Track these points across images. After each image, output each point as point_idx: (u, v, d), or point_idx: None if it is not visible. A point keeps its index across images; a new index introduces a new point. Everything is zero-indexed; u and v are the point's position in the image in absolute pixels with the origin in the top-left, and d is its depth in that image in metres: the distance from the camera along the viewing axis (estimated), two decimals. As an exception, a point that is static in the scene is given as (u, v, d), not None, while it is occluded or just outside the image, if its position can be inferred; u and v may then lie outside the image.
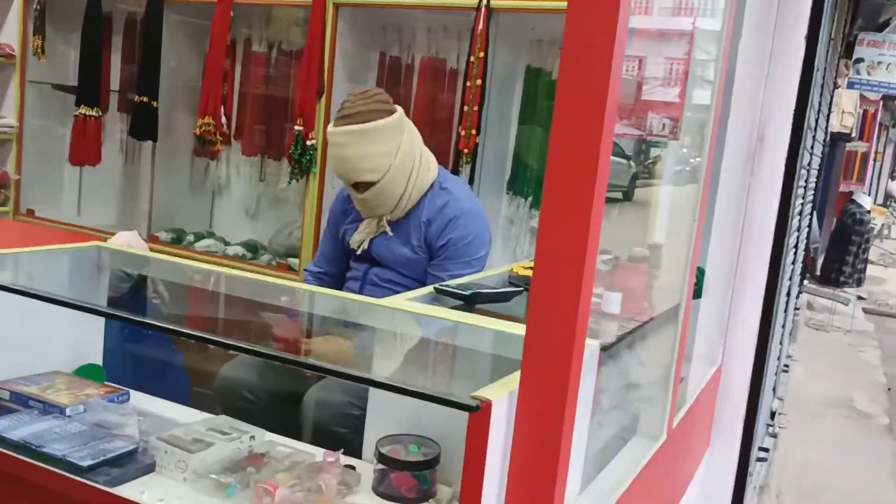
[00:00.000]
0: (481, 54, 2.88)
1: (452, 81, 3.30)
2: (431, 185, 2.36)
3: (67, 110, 4.27)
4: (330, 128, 2.29)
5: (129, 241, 2.45)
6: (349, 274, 2.52)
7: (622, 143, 2.42)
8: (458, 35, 3.27)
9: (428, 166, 2.36)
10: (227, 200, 4.05)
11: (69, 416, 1.77)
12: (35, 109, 4.28)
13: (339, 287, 2.57)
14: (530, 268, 2.39)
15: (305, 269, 2.65)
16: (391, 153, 2.27)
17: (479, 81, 2.89)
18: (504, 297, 1.97)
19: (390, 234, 2.34)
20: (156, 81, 3.70)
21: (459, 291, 1.92)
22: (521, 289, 2.01)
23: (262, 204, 3.94)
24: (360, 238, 2.37)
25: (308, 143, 3.26)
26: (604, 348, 1.51)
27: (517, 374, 1.11)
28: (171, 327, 1.62)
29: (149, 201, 3.88)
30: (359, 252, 2.38)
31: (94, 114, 3.87)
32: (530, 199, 3.15)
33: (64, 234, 3.52)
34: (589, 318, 1.14)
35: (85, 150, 3.87)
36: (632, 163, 2.64)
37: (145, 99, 3.68)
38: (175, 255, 3.70)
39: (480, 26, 2.87)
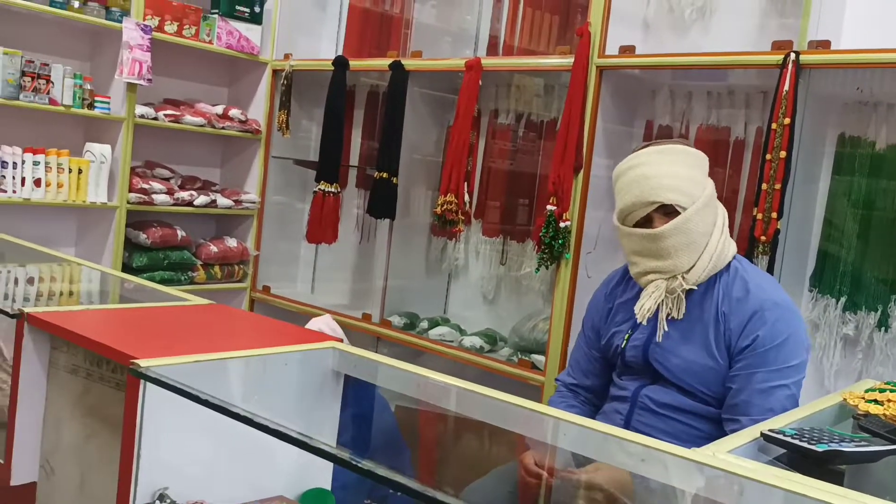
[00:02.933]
0: (786, 121, 2.32)
1: (738, 155, 2.75)
2: (727, 267, 1.86)
3: (306, 186, 4.18)
4: (619, 165, 1.92)
5: (320, 328, 2.17)
6: (614, 392, 2.01)
7: None
8: (745, 100, 2.73)
9: (729, 237, 1.88)
10: (463, 284, 3.71)
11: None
12: (276, 185, 4.23)
13: (599, 404, 2.07)
14: (876, 400, 1.77)
15: (557, 379, 2.18)
16: (700, 183, 1.84)
17: (782, 153, 2.32)
18: (875, 457, 1.38)
19: (678, 315, 1.84)
20: (397, 156, 3.47)
21: (805, 445, 1.35)
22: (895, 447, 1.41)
23: (502, 290, 3.55)
24: (648, 304, 1.85)
25: (562, 224, 2.82)
26: None
27: None
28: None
29: (383, 282, 3.63)
30: (644, 322, 1.87)
31: (332, 190, 3.71)
32: (843, 299, 2.50)
33: (266, 322, 3.31)
34: None
35: (322, 228, 3.71)
36: None
37: (385, 175, 3.45)
38: (407, 342, 3.40)
39: (786, 87, 2.32)
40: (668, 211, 1.82)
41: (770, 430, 1.43)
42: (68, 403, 1.69)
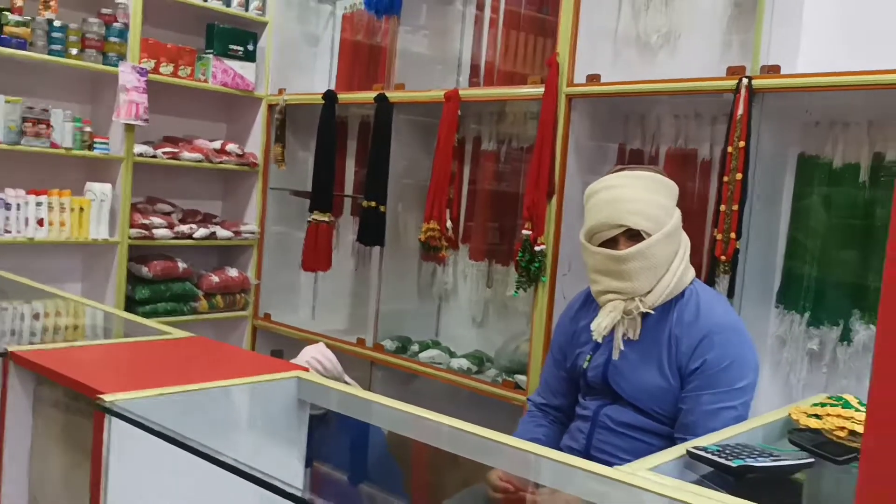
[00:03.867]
0: (741, 143, 2.40)
1: (706, 175, 2.83)
2: (683, 293, 1.93)
3: (304, 216, 4.31)
4: (592, 185, 1.98)
5: (313, 356, 2.22)
6: (578, 411, 2.09)
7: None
8: (711, 121, 2.81)
9: (689, 264, 1.96)
10: (453, 307, 3.81)
11: None
12: (275, 216, 4.37)
13: (569, 423, 2.15)
14: (816, 415, 1.83)
15: (529, 399, 2.27)
16: (668, 212, 1.91)
17: (738, 175, 2.40)
18: (786, 471, 1.45)
19: (634, 336, 1.92)
20: (384, 185, 3.59)
21: (723, 461, 1.43)
22: (811, 459, 1.48)
23: (490, 312, 3.64)
24: (605, 323, 1.92)
25: (537, 248, 2.92)
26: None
27: None
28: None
29: (376, 307, 3.73)
30: (599, 340, 1.95)
31: (325, 219, 3.83)
32: (807, 314, 2.55)
33: (241, 355, 3.40)
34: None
35: (316, 256, 3.83)
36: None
37: (373, 204, 3.57)
38: (399, 365, 3.50)
39: (740, 111, 2.40)
40: (634, 234, 1.89)
41: (694, 447, 1.50)
42: (53, 436, 1.79)
